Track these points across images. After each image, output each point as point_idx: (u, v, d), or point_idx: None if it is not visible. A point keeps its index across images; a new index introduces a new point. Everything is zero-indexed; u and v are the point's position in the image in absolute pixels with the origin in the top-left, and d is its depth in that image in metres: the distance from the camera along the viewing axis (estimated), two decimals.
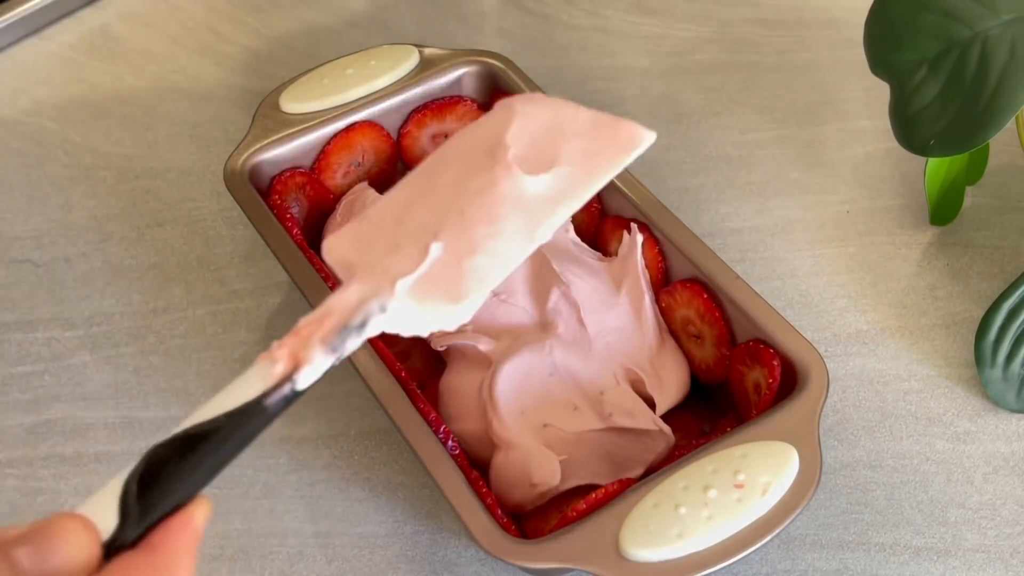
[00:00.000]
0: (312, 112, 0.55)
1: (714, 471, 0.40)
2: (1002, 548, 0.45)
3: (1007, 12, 0.46)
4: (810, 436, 0.41)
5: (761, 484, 0.39)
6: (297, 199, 0.54)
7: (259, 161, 0.54)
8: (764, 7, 0.71)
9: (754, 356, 0.45)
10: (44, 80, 0.69)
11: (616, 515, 0.40)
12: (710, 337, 0.47)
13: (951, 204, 0.57)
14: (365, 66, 0.56)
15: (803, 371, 0.43)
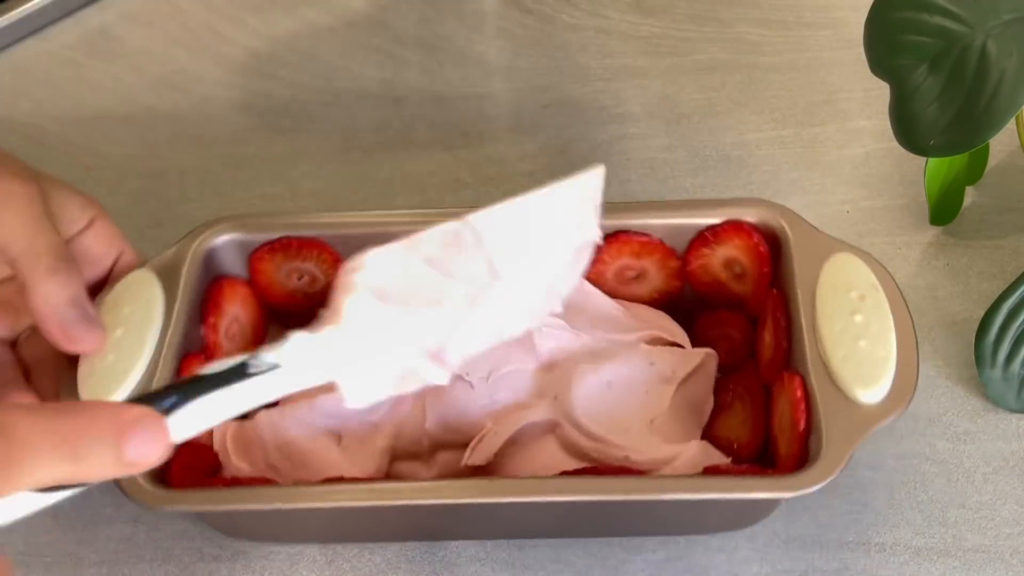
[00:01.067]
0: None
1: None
2: (1002, 548, 0.45)
3: (1007, 12, 0.46)
4: None
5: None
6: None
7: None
8: (764, 7, 0.71)
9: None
10: (44, 80, 0.69)
11: None
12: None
13: (951, 204, 0.57)
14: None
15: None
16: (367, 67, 0.68)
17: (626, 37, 0.69)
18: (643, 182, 0.60)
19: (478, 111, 0.65)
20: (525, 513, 0.44)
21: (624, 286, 0.49)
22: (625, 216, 0.48)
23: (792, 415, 0.42)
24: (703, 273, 0.49)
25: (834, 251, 0.46)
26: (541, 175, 0.61)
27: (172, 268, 0.47)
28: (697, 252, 0.48)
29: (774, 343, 0.45)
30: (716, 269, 0.48)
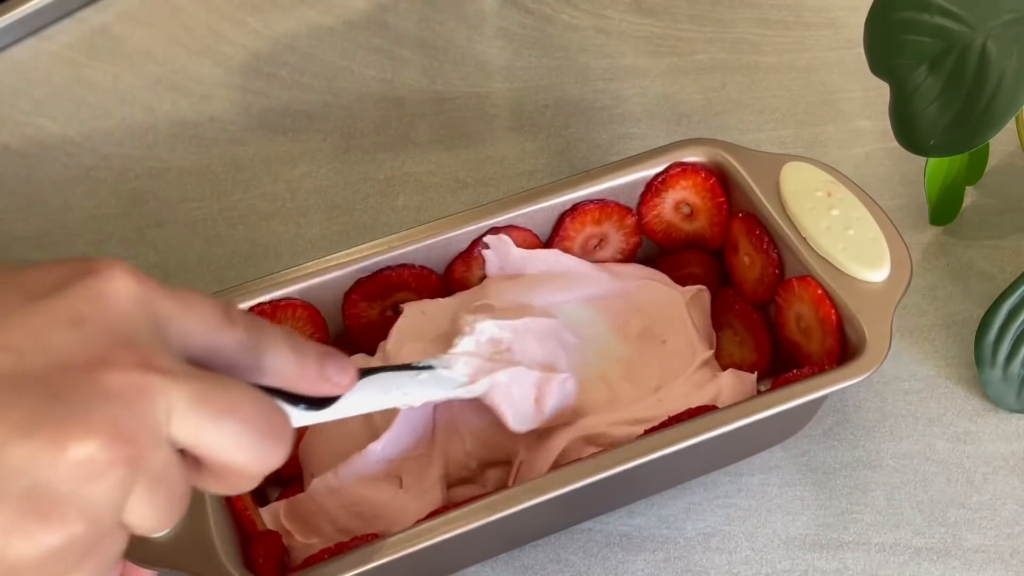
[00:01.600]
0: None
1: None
2: (1002, 548, 0.45)
3: (1007, 12, 0.46)
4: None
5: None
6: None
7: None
8: (764, 7, 0.71)
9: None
10: (44, 80, 0.69)
11: None
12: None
13: (951, 204, 0.57)
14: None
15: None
16: (367, 67, 0.68)
17: (626, 37, 0.69)
18: None
19: (478, 111, 0.65)
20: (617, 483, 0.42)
21: (590, 254, 0.51)
22: (578, 188, 0.49)
23: (818, 314, 0.45)
24: (657, 222, 0.51)
25: (781, 164, 0.48)
26: (541, 175, 0.61)
27: None
28: (649, 203, 0.50)
29: (762, 260, 0.47)
30: (668, 215, 0.50)
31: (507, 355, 0.43)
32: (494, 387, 0.41)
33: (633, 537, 0.46)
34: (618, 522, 0.47)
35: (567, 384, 0.44)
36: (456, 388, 0.41)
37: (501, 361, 0.42)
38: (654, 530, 0.47)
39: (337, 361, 0.34)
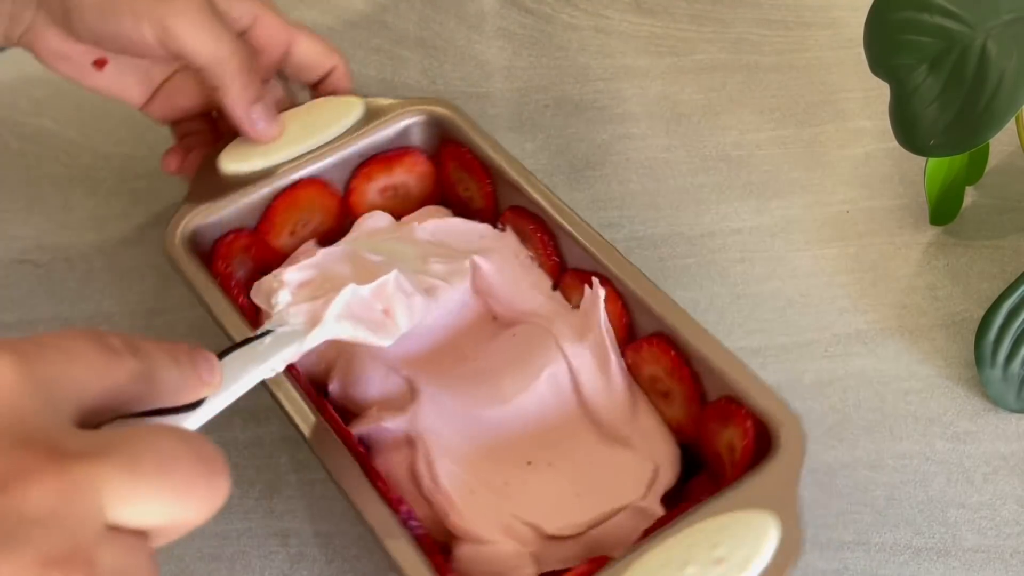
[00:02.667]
0: (254, 172, 0.51)
1: (691, 545, 0.37)
2: (1002, 548, 0.45)
3: (1007, 12, 0.46)
4: (790, 503, 0.39)
5: (741, 558, 0.37)
6: (243, 262, 0.51)
7: (200, 226, 0.50)
8: (764, 7, 0.71)
9: (726, 415, 0.42)
10: (44, 80, 0.68)
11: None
12: (679, 395, 0.45)
13: (951, 204, 0.57)
14: (307, 121, 0.53)
15: (776, 430, 0.41)
16: (367, 67, 0.68)
17: (626, 37, 0.69)
18: (643, 182, 0.60)
19: (478, 111, 0.65)
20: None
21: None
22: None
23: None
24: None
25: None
26: (541, 175, 0.61)
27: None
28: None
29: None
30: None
31: (328, 288, 0.41)
32: (339, 320, 0.39)
33: None
34: None
35: (403, 284, 0.42)
36: (305, 338, 0.38)
37: (326, 294, 0.40)
38: None
39: (205, 358, 0.32)
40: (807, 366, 0.52)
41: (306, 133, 0.52)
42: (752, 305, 0.54)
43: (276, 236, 0.52)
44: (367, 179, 0.53)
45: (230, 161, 0.52)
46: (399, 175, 0.54)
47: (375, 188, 0.54)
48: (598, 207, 0.59)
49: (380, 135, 0.53)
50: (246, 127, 0.50)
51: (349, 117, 0.53)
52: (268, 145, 0.52)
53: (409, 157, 0.54)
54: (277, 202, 0.51)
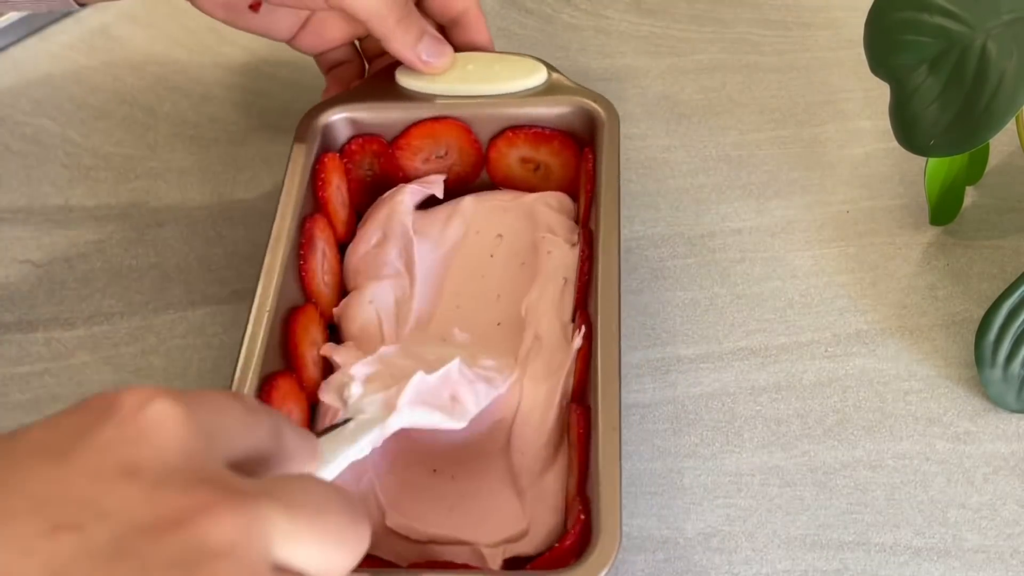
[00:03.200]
0: (418, 92, 0.54)
1: None
2: (1002, 548, 0.45)
3: (1007, 12, 0.46)
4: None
5: None
6: (371, 167, 0.55)
7: (346, 118, 0.54)
8: (764, 7, 0.71)
9: (575, 510, 0.41)
10: (44, 80, 0.69)
11: None
12: (574, 470, 0.43)
13: (951, 204, 0.57)
14: (488, 68, 0.55)
15: (594, 542, 0.39)
16: None
17: (626, 37, 0.69)
18: (643, 182, 0.60)
19: None
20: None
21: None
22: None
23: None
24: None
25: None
26: None
27: None
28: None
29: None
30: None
31: (394, 378, 0.42)
32: (412, 406, 0.40)
33: (633, 537, 0.46)
34: None
35: (465, 373, 0.43)
36: (385, 423, 0.39)
37: (394, 380, 0.41)
38: (654, 530, 0.47)
39: (307, 432, 0.33)
40: (807, 366, 0.52)
41: (483, 78, 0.54)
42: (752, 305, 0.54)
43: (408, 157, 0.55)
44: (509, 144, 0.54)
45: (405, 75, 0.54)
46: (543, 154, 0.55)
47: (516, 155, 0.55)
48: None
49: (540, 110, 0.54)
50: (416, 66, 0.53)
51: (528, 80, 0.54)
52: (443, 75, 0.54)
53: (558, 141, 0.54)
54: (417, 127, 0.54)
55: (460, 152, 0.55)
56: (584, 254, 0.49)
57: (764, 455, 0.49)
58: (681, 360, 0.52)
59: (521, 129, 0.54)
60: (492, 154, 0.55)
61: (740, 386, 0.51)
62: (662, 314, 0.54)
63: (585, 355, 0.45)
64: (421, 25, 0.52)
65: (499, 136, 0.54)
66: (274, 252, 0.48)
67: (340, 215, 0.53)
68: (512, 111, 0.54)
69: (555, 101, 0.54)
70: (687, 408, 0.50)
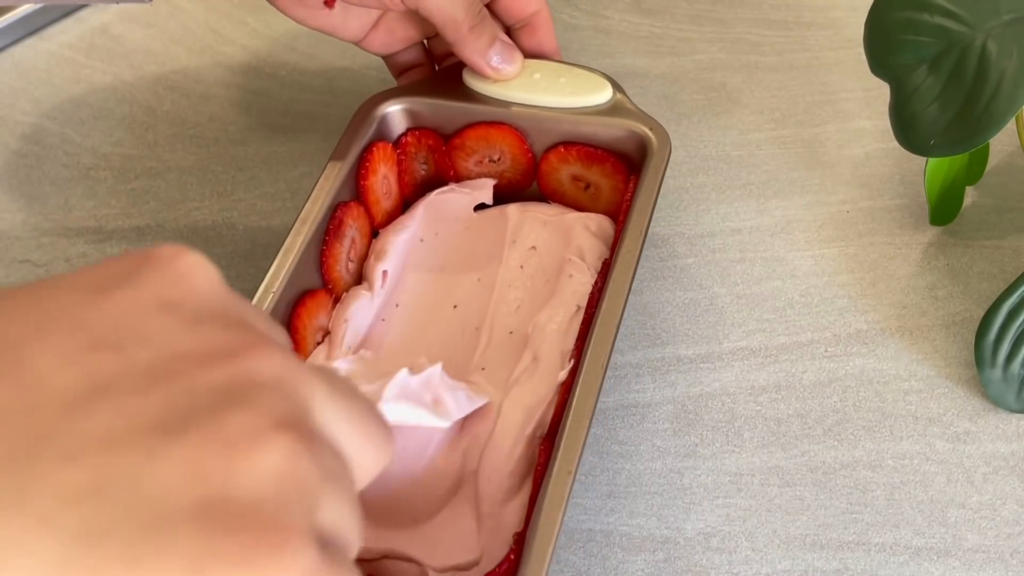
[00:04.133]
0: (482, 94, 0.54)
1: None
2: (1002, 548, 0.45)
3: (1007, 12, 0.46)
4: None
5: None
6: (425, 161, 0.55)
7: (404, 109, 0.54)
8: (764, 7, 0.71)
9: (509, 550, 0.41)
10: (44, 80, 0.69)
11: None
12: (522, 509, 0.43)
13: (951, 204, 0.57)
14: (553, 79, 0.54)
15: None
16: (367, 67, 0.68)
17: (626, 37, 0.69)
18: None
19: None
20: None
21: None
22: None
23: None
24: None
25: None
26: None
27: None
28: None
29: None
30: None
31: (377, 376, 0.41)
32: (396, 401, 0.39)
33: (633, 537, 0.46)
34: (618, 522, 0.47)
35: (446, 379, 0.42)
36: None
37: (377, 377, 0.40)
38: (654, 530, 0.47)
39: None
40: (807, 366, 0.52)
41: (548, 89, 0.54)
42: (752, 305, 0.54)
43: (461, 157, 0.55)
44: (561, 159, 0.54)
45: (470, 75, 0.54)
46: (595, 174, 0.54)
47: (567, 171, 0.54)
48: None
49: (595, 129, 0.53)
50: (485, 71, 0.53)
51: (592, 97, 0.54)
52: (509, 81, 0.54)
53: (610, 164, 0.53)
54: (473, 128, 0.54)
55: (513, 160, 0.55)
56: (597, 285, 0.48)
57: (764, 455, 0.49)
58: (681, 360, 0.52)
59: (574, 145, 0.53)
60: (544, 167, 0.54)
61: (740, 386, 0.51)
62: (662, 314, 0.54)
63: (566, 390, 0.44)
64: (493, 31, 0.52)
65: (552, 150, 0.54)
66: (296, 233, 0.48)
67: (382, 204, 0.53)
68: (568, 126, 0.53)
69: (611, 123, 0.53)
70: (687, 408, 0.50)
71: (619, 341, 0.52)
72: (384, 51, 0.57)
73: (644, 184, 0.50)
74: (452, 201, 0.55)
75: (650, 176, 0.50)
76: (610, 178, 0.53)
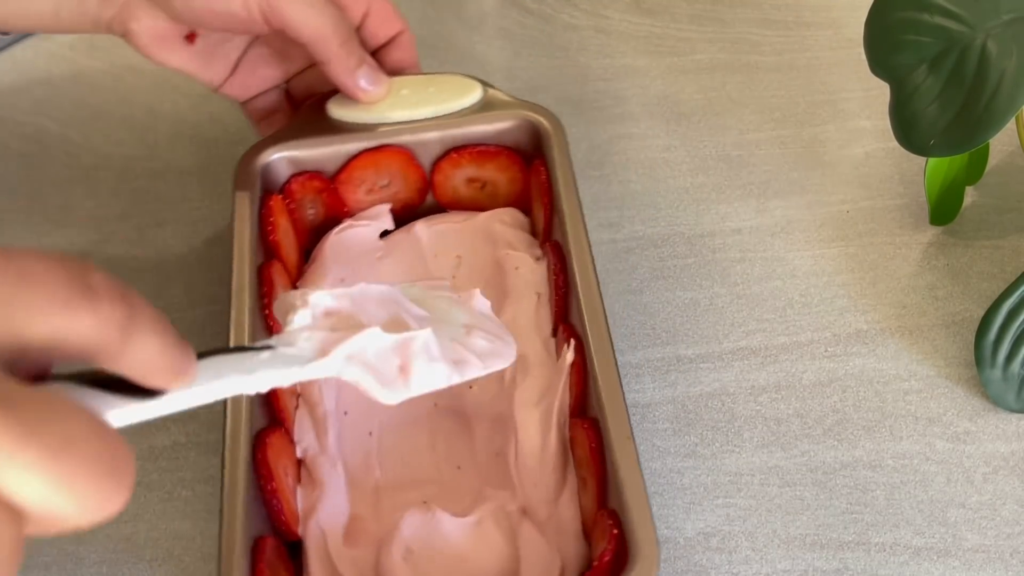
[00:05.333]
0: (353, 123, 0.53)
1: None
2: (1002, 548, 0.45)
3: (1007, 12, 0.46)
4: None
5: None
6: (314, 205, 0.53)
7: (283, 158, 0.52)
8: (764, 7, 0.71)
9: (604, 527, 0.40)
10: (44, 80, 0.69)
11: None
12: (591, 487, 0.42)
13: (951, 204, 0.57)
14: (422, 90, 0.54)
15: (632, 556, 0.38)
16: None
17: (626, 37, 0.69)
18: (643, 182, 0.60)
19: None
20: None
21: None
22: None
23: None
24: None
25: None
26: None
27: None
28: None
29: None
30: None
31: (352, 324, 0.37)
32: (350, 359, 0.35)
33: None
34: None
35: (431, 348, 0.37)
36: (306, 365, 0.34)
37: (348, 330, 0.36)
38: None
39: (185, 346, 0.28)
40: (807, 366, 0.52)
41: (416, 102, 0.53)
42: (752, 305, 0.54)
43: (351, 190, 0.54)
44: (455, 165, 0.53)
45: (337, 106, 0.53)
46: (489, 171, 0.54)
47: (462, 175, 0.54)
48: (598, 207, 0.59)
49: (481, 128, 0.53)
50: (353, 92, 0.52)
51: (464, 99, 0.53)
52: (378, 103, 0.53)
53: (504, 157, 0.53)
54: (358, 158, 0.52)
55: (404, 179, 0.54)
56: (556, 267, 0.49)
57: (764, 455, 0.49)
58: (681, 360, 0.52)
59: (465, 149, 0.53)
60: (437, 177, 0.54)
61: (740, 386, 0.51)
62: (662, 314, 0.54)
63: (580, 368, 0.45)
64: (361, 52, 0.51)
65: (443, 158, 0.53)
66: (239, 304, 0.47)
67: (291, 258, 0.52)
68: (453, 132, 0.53)
69: (496, 117, 0.53)
70: (687, 408, 0.50)
71: (619, 341, 0.52)
72: (245, 94, 0.55)
73: (556, 163, 0.51)
74: (354, 236, 0.53)
75: (558, 154, 0.51)
76: (506, 172, 0.54)
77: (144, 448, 0.50)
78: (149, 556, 0.47)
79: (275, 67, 0.55)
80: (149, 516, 0.48)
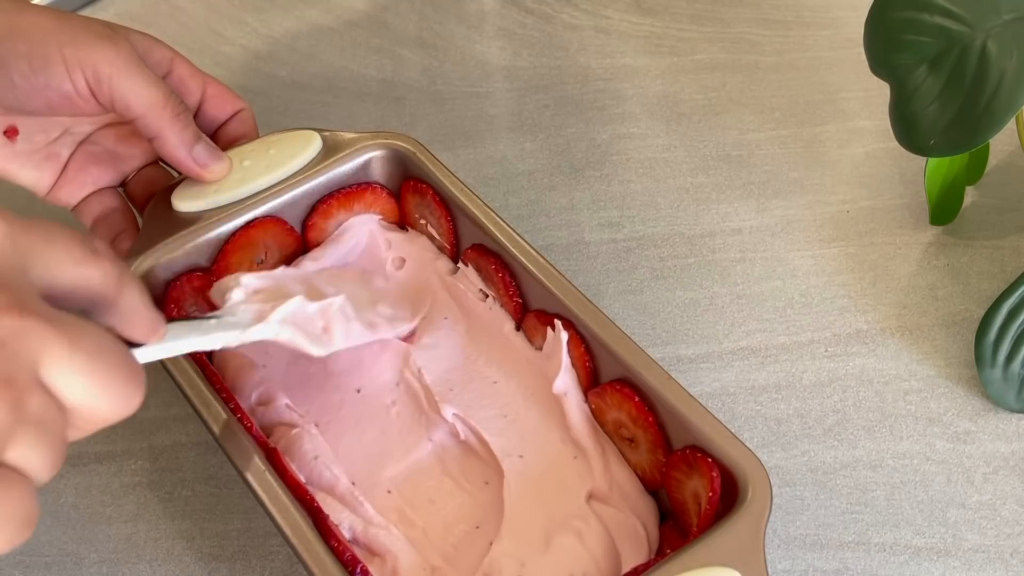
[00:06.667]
0: (207, 210, 0.50)
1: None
2: (1002, 548, 0.45)
3: (1007, 12, 0.46)
4: (755, 558, 0.37)
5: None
6: (197, 304, 0.50)
7: (152, 267, 0.48)
8: (764, 7, 0.71)
9: (691, 465, 0.41)
10: None
11: None
12: (644, 442, 0.43)
13: (951, 204, 0.57)
14: (263, 156, 0.51)
15: (743, 482, 0.39)
16: (367, 67, 0.68)
17: (626, 37, 0.69)
18: (643, 182, 0.60)
19: (478, 111, 0.65)
20: None
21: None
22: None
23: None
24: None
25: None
26: (541, 175, 0.61)
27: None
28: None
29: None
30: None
31: (279, 297, 0.43)
32: (283, 323, 0.41)
33: None
34: None
35: (347, 310, 0.45)
36: (247, 329, 0.40)
37: (277, 300, 0.42)
38: None
39: (159, 311, 0.34)
40: (807, 366, 0.52)
41: (262, 169, 0.51)
42: (752, 305, 0.54)
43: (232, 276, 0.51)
44: (325, 216, 0.52)
45: (182, 199, 0.50)
46: (359, 210, 0.53)
47: (335, 224, 0.53)
48: (598, 207, 0.59)
49: (339, 170, 0.52)
50: (193, 170, 0.49)
51: (307, 152, 0.52)
52: (221, 182, 0.50)
53: (370, 193, 0.53)
54: (231, 242, 0.50)
55: (280, 246, 0.52)
56: (494, 266, 0.48)
57: (764, 455, 0.49)
58: (681, 360, 0.52)
59: (332, 196, 0.52)
60: (311, 235, 0.52)
61: (740, 386, 0.51)
62: (662, 314, 0.54)
63: (578, 340, 0.45)
64: (196, 129, 0.49)
65: (312, 213, 0.52)
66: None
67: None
68: (313, 184, 0.51)
69: (351, 156, 0.52)
70: None
71: None
72: (76, 196, 0.51)
73: (438, 175, 0.51)
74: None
75: (431, 166, 0.51)
76: (374, 206, 0.53)
77: (144, 448, 0.50)
78: (149, 556, 0.47)
79: (108, 167, 0.51)
80: (149, 516, 0.48)
